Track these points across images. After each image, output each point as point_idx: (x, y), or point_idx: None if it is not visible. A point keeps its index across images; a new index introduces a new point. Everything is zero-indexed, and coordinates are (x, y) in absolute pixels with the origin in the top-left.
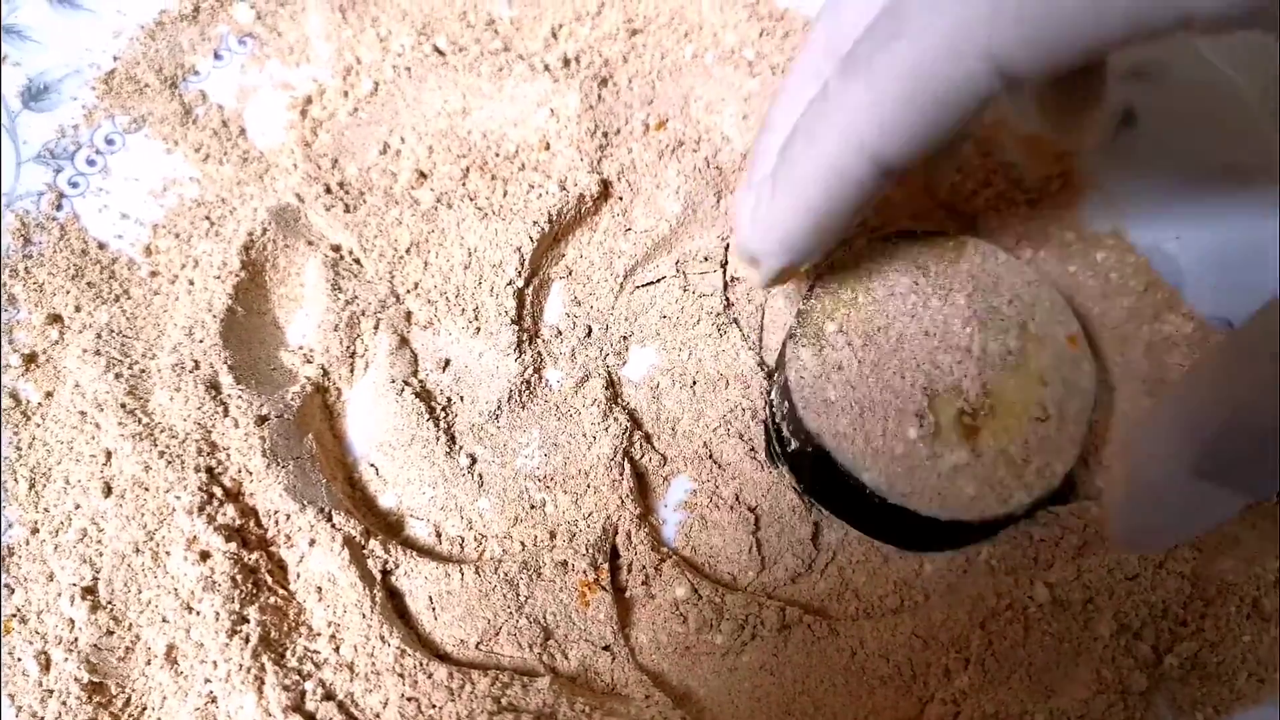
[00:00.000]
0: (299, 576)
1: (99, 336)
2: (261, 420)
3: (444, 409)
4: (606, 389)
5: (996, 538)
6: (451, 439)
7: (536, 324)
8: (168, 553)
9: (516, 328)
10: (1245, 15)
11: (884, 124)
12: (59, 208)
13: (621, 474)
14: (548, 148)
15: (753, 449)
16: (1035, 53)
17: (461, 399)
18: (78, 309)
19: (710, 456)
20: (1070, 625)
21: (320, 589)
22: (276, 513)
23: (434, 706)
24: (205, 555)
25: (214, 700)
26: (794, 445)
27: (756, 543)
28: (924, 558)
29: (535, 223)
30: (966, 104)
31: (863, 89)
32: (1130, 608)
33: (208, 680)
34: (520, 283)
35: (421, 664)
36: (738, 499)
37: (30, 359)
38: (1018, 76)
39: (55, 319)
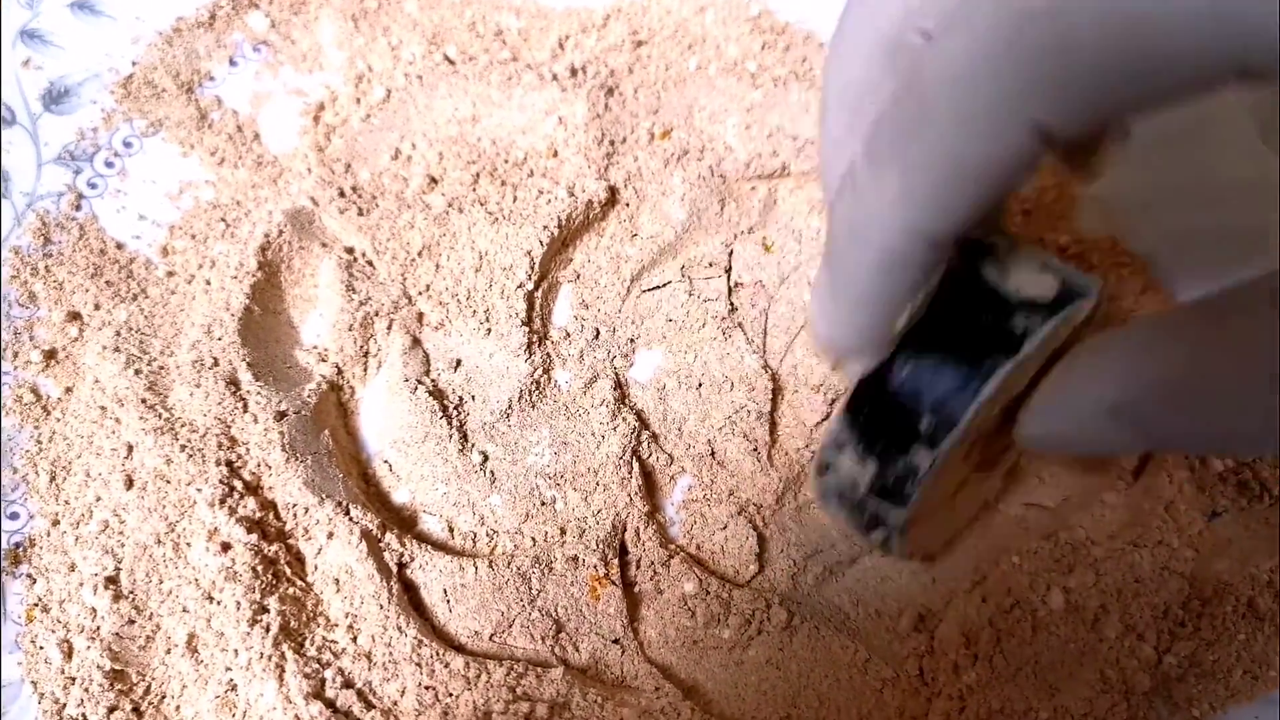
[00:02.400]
0: (317, 568)
1: (118, 334)
2: (280, 416)
3: (456, 407)
4: (614, 390)
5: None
6: (464, 437)
7: (546, 326)
8: (189, 544)
9: (526, 329)
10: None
11: (932, 204)
12: (78, 208)
13: (630, 472)
14: (555, 155)
15: (755, 450)
16: (1080, 118)
17: (473, 398)
18: (97, 307)
19: (714, 456)
20: (1078, 626)
21: (338, 580)
22: (295, 506)
23: (451, 695)
24: (226, 546)
25: (234, 688)
26: None
27: (757, 541)
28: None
29: (545, 227)
30: (1012, 172)
31: (898, 174)
32: (1136, 609)
33: (228, 668)
34: (530, 286)
35: (438, 654)
36: (740, 498)
37: (50, 355)
38: (1066, 140)
39: (75, 316)
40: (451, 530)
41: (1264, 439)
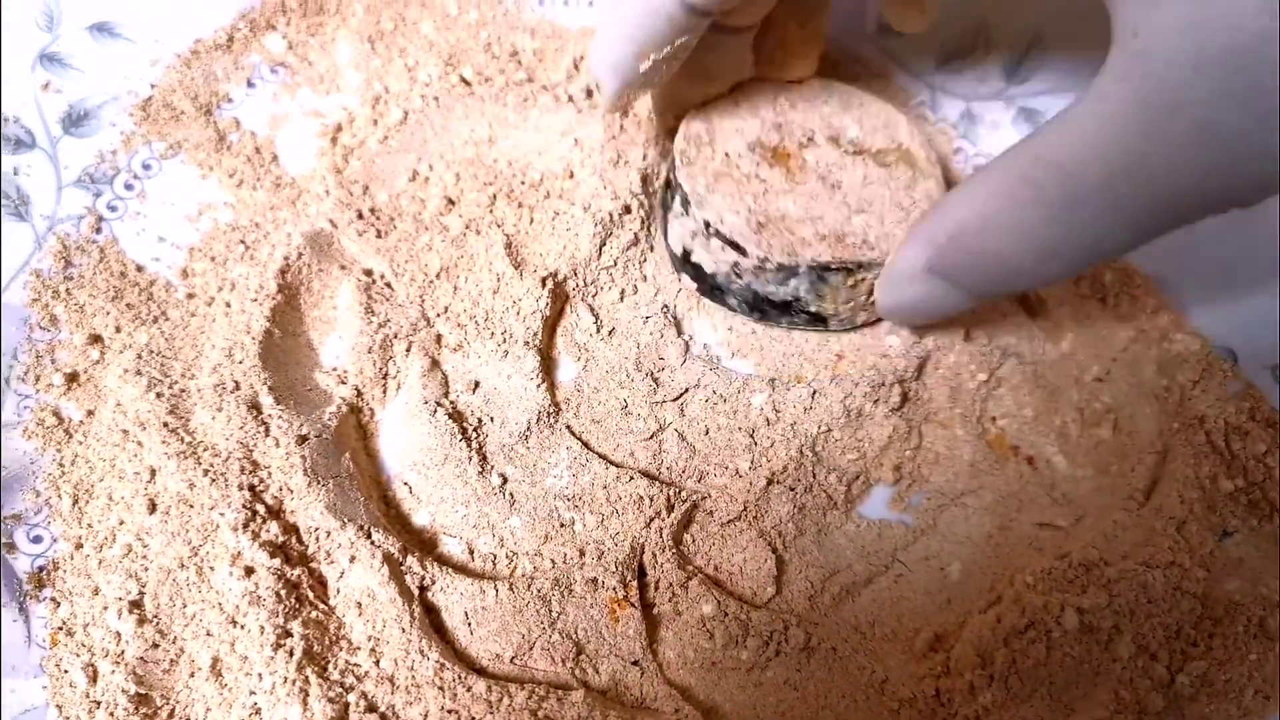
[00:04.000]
0: (339, 592)
1: (139, 357)
2: (302, 440)
3: (475, 429)
4: (630, 410)
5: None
6: (483, 459)
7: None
8: (212, 568)
9: (539, 355)
10: None
11: None
12: (99, 230)
13: (647, 494)
14: (571, 176)
15: (773, 471)
16: None
17: (491, 419)
18: (118, 329)
19: (737, 475)
20: (1092, 647)
21: (360, 604)
22: (318, 530)
23: (473, 718)
24: (250, 571)
25: (258, 712)
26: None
27: (776, 563)
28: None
29: (563, 248)
30: None
31: None
32: (1149, 629)
33: (252, 692)
34: (545, 310)
35: (460, 677)
36: (758, 520)
37: (72, 378)
38: None
39: (96, 339)
40: (472, 552)
41: (1039, 272)
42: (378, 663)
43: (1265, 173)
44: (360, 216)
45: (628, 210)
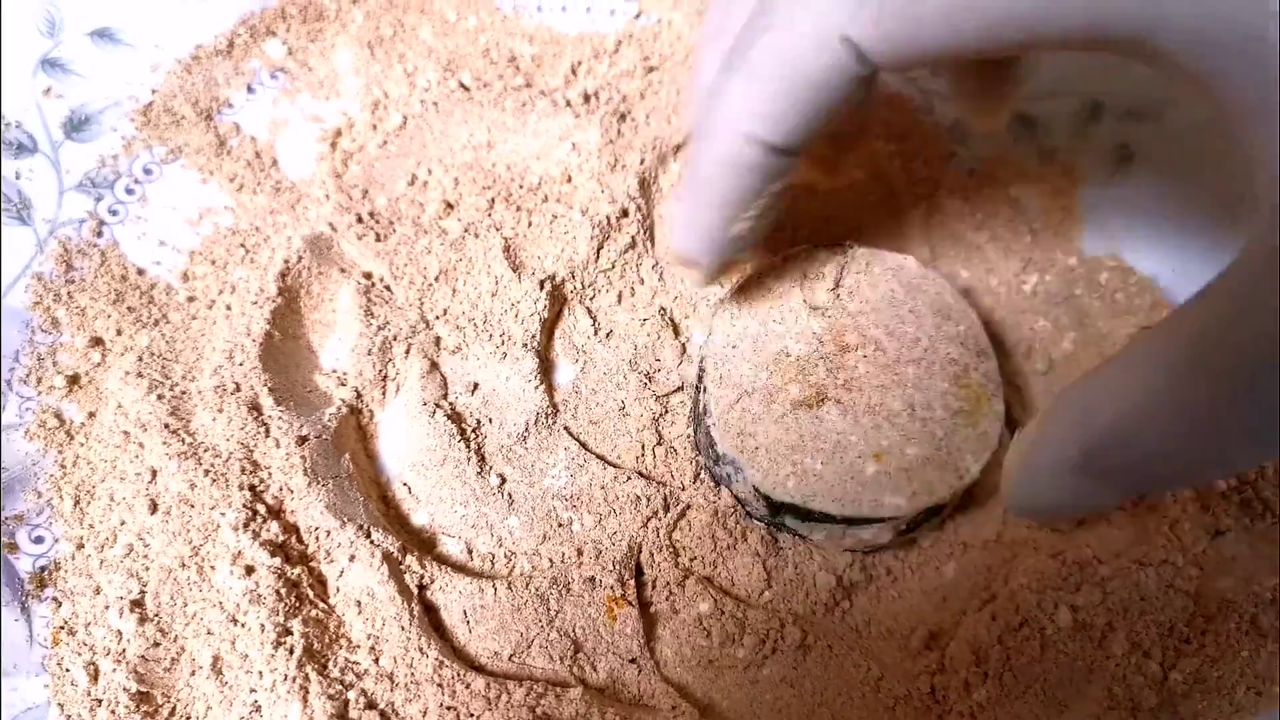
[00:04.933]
0: (339, 590)
1: (140, 359)
2: (302, 440)
3: (474, 430)
4: (628, 412)
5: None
6: (481, 459)
7: (554, 348)
8: (213, 567)
9: (538, 357)
10: (1088, 39)
11: (765, 111)
12: (100, 234)
13: (644, 494)
14: (569, 180)
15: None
16: (894, 49)
17: (490, 421)
18: (119, 332)
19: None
20: (1085, 644)
21: (360, 603)
22: (317, 529)
23: (472, 715)
24: (250, 570)
25: (258, 709)
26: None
27: (764, 565)
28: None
29: (560, 252)
30: (838, 87)
31: (740, 82)
32: (1142, 627)
33: (253, 690)
34: (543, 312)
35: (459, 674)
36: (744, 520)
37: (73, 380)
38: (881, 65)
39: (97, 342)
40: (471, 552)
41: (1214, 465)
42: (377, 660)
43: None
44: (360, 220)
45: (625, 214)
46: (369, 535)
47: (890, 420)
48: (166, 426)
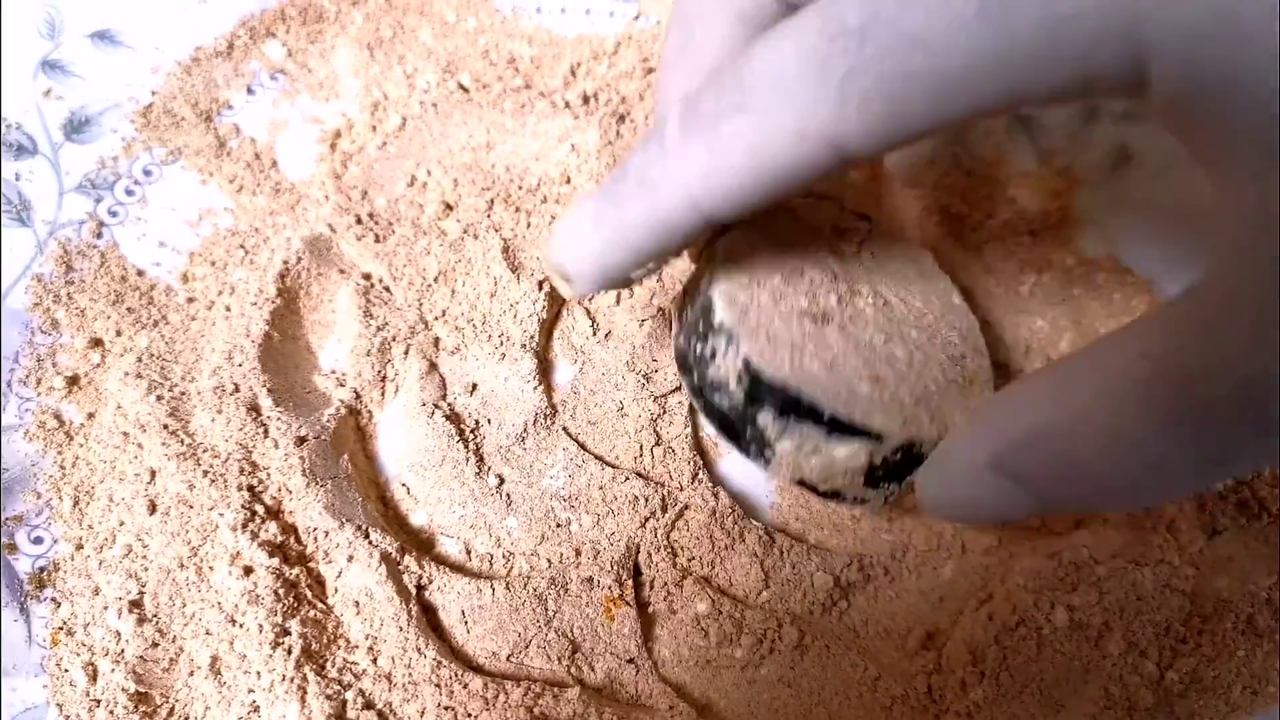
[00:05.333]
0: (337, 591)
1: (139, 360)
2: (300, 441)
3: (472, 431)
4: (626, 412)
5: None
6: (480, 460)
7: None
8: (211, 568)
9: (536, 358)
10: (1073, 95)
11: (721, 188)
12: (99, 236)
13: (642, 495)
14: (569, 181)
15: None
16: (878, 141)
17: (489, 421)
18: (118, 333)
19: (720, 482)
20: (1082, 644)
21: (358, 603)
22: (316, 530)
23: (470, 715)
24: (249, 570)
25: (256, 710)
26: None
27: (761, 565)
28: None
29: None
30: (806, 178)
31: (703, 151)
32: (1139, 627)
33: (251, 690)
34: (542, 313)
35: (457, 674)
36: (751, 518)
37: (73, 381)
38: (859, 159)
39: (96, 343)
40: (469, 552)
41: (1139, 491)
42: (375, 660)
43: None
44: (359, 221)
45: None
46: (367, 536)
47: (889, 361)
48: (165, 427)
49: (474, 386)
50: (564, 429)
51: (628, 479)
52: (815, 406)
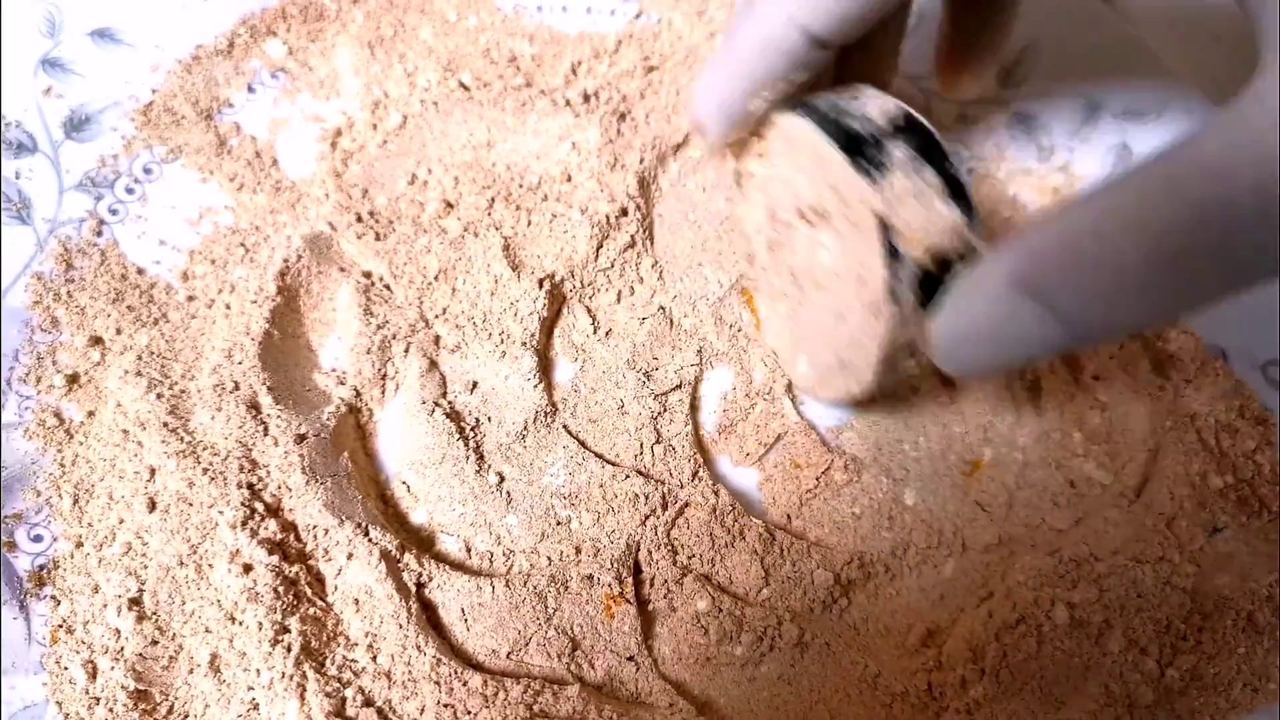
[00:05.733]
0: (337, 588)
1: (139, 358)
2: (300, 439)
3: (473, 429)
4: (625, 410)
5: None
6: (480, 458)
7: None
8: (211, 565)
9: (537, 355)
10: None
11: (809, 3)
12: (100, 234)
13: (642, 492)
14: (569, 179)
15: (765, 467)
16: None
17: (489, 419)
18: (118, 331)
19: (720, 480)
20: (1082, 641)
21: (357, 601)
22: (316, 527)
23: (469, 713)
24: (248, 568)
25: (256, 707)
26: None
27: (761, 562)
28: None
29: (560, 250)
30: None
31: None
32: (1139, 624)
33: (250, 688)
34: (543, 311)
35: (456, 672)
36: (751, 515)
37: (73, 379)
38: None
39: (96, 341)
40: (469, 550)
41: (1167, 296)
42: (375, 658)
43: None
44: (359, 219)
45: (624, 213)
46: (367, 533)
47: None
48: (165, 425)
49: (474, 384)
50: (564, 427)
51: (628, 477)
52: (949, 159)
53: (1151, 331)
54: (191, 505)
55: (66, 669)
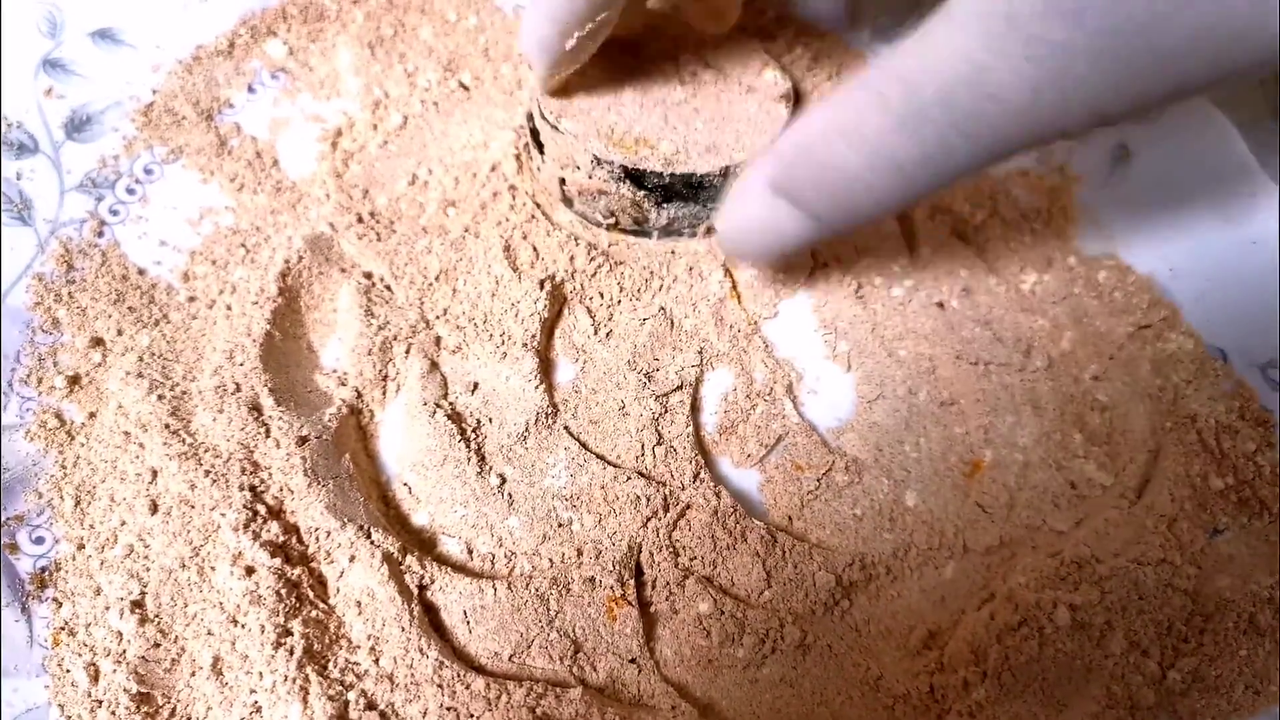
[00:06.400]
0: (339, 591)
1: (140, 359)
2: (302, 441)
3: (474, 430)
4: (627, 411)
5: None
6: (482, 459)
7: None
8: (213, 568)
9: (538, 356)
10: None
11: None
12: (100, 234)
13: (644, 494)
14: None
15: (767, 469)
16: None
17: (490, 421)
18: (119, 332)
19: (721, 482)
20: (1084, 643)
21: (360, 603)
22: (318, 530)
23: (472, 716)
24: (250, 570)
25: (258, 710)
26: None
27: (763, 564)
28: (945, 581)
29: (560, 248)
30: None
31: None
32: (1140, 626)
33: (253, 691)
34: (544, 312)
35: (459, 675)
36: (753, 517)
37: (74, 380)
38: None
39: (98, 342)
40: (471, 552)
41: (887, 191)
42: (377, 661)
43: (1093, 100)
44: (360, 220)
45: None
46: (369, 536)
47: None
48: (167, 427)
49: (475, 386)
50: (565, 428)
51: (629, 478)
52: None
53: (1152, 333)
54: (193, 507)
55: (69, 671)
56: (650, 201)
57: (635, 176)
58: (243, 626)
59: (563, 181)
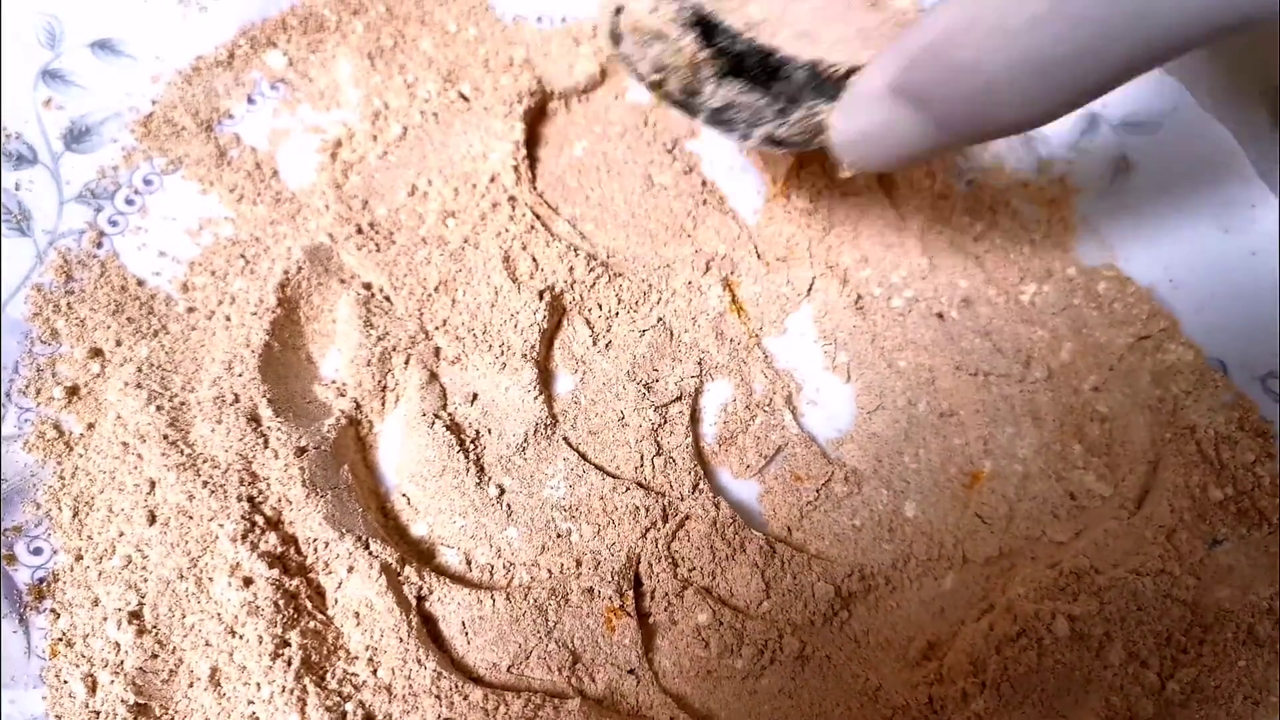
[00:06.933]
0: (337, 602)
1: (139, 370)
2: (301, 451)
3: (473, 441)
4: (625, 422)
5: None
6: (480, 470)
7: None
8: (211, 579)
9: (537, 367)
10: None
11: None
12: (100, 245)
13: (643, 505)
14: None
15: (766, 481)
16: None
17: (489, 431)
18: (118, 343)
19: (720, 492)
20: (1083, 654)
21: (358, 614)
22: (316, 540)
23: None
24: (248, 581)
25: None
26: None
27: (762, 575)
28: (944, 592)
29: (559, 259)
30: None
31: None
32: (1139, 637)
33: (251, 702)
34: (543, 323)
35: (457, 686)
36: (751, 528)
37: (72, 391)
38: None
39: (96, 353)
40: (469, 563)
41: (1029, 95)
42: (375, 672)
43: None
44: (359, 231)
45: None
46: (367, 546)
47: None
48: (165, 438)
49: (474, 396)
50: (564, 439)
51: (628, 489)
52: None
53: (1151, 344)
54: (191, 518)
55: (66, 683)
56: (711, 69)
57: (707, 27)
58: (241, 637)
59: (618, 10)
